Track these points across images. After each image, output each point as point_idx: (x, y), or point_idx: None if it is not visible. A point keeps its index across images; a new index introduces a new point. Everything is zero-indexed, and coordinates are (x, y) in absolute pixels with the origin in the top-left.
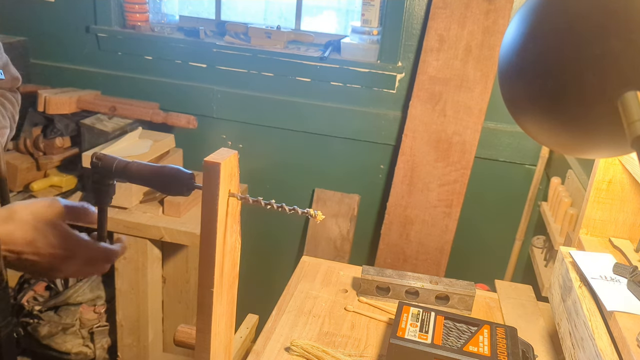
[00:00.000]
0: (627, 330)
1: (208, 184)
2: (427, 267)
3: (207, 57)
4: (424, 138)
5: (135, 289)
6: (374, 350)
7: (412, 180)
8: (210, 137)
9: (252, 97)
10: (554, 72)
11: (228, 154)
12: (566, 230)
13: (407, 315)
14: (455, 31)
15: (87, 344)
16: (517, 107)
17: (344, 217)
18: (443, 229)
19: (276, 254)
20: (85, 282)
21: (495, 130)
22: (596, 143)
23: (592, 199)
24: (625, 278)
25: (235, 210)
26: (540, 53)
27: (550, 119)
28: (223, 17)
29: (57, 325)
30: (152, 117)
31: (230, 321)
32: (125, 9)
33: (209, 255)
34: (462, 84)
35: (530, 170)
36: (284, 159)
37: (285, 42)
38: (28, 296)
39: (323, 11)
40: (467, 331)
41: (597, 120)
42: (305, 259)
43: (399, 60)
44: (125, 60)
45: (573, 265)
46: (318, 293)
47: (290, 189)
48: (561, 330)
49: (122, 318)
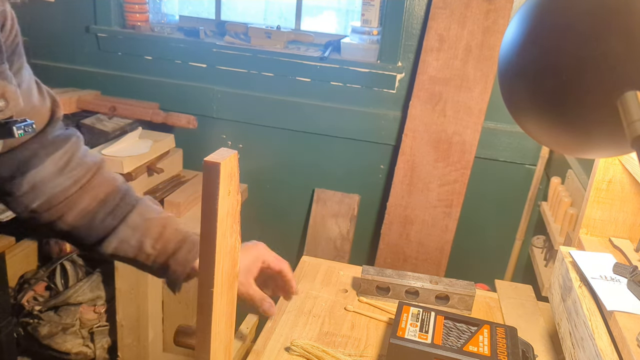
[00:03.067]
0: (627, 330)
1: (208, 184)
2: (427, 267)
3: (207, 57)
4: (424, 138)
5: (135, 289)
6: (374, 350)
7: (412, 180)
8: (210, 137)
9: (252, 97)
10: (554, 72)
11: (228, 154)
12: (566, 230)
13: (407, 315)
14: (455, 31)
15: (87, 344)
16: (517, 107)
17: (344, 217)
18: (443, 229)
19: (276, 253)
20: (85, 282)
21: (495, 130)
22: (596, 143)
23: (592, 198)
24: (625, 278)
25: (235, 210)
26: (540, 53)
27: (550, 119)
28: (223, 17)
29: (57, 325)
30: (152, 117)
31: (230, 321)
32: (125, 9)
33: (209, 255)
34: (462, 84)
35: (530, 170)
36: (284, 159)
37: (285, 42)
38: (28, 296)
39: (323, 11)
40: (467, 331)
41: (597, 120)
42: (305, 259)
43: (399, 60)
44: (125, 60)
45: (573, 265)
46: (318, 293)
47: (290, 189)
48: (561, 330)
49: (122, 318)
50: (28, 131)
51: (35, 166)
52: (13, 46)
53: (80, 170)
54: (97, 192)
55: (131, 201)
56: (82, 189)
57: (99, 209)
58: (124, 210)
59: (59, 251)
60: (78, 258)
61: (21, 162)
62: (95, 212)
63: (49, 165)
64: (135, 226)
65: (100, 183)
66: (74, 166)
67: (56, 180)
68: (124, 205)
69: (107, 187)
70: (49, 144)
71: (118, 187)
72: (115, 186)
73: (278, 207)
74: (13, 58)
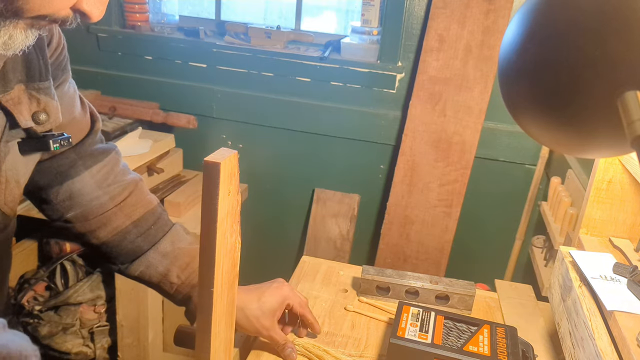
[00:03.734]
0: (627, 330)
1: (208, 184)
2: (427, 267)
3: (207, 57)
4: (424, 138)
5: (135, 289)
6: (374, 350)
7: (412, 180)
8: (210, 137)
9: (252, 97)
10: (554, 72)
11: (228, 153)
12: (566, 230)
13: (407, 315)
14: (455, 31)
15: (87, 344)
16: (517, 107)
17: (344, 217)
18: (443, 228)
19: (276, 254)
20: (85, 282)
21: (495, 130)
22: (596, 143)
23: (592, 198)
24: (625, 278)
25: (235, 210)
26: (540, 53)
27: (550, 119)
28: (223, 17)
29: (57, 325)
30: (152, 117)
31: (230, 321)
32: (125, 9)
33: (209, 255)
34: (462, 83)
35: (530, 170)
36: (284, 159)
37: (285, 42)
38: (28, 296)
39: (323, 11)
40: (467, 331)
41: (597, 120)
42: (305, 259)
43: (399, 60)
44: (125, 60)
45: (573, 265)
46: (318, 293)
47: (290, 189)
48: (561, 330)
49: (122, 318)
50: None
51: (72, 176)
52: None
53: (117, 187)
54: (132, 211)
55: (164, 226)
56: (117, 206)
57: (132, 229)
58: (156, 235)
59: (59, 251)
60: (78, 258)
61: (59, 171)
62: (128, 231)
63: (87, 177)
64: (165, 253)
65: (135, 202)
66: (111, 182)
67: (93, 193)
68: (157, 230)
69: (142, 208)
70: (87, 156)
71: (153, 210)
72: (150, 208)
73: (278, 207)
74: (57, 73)
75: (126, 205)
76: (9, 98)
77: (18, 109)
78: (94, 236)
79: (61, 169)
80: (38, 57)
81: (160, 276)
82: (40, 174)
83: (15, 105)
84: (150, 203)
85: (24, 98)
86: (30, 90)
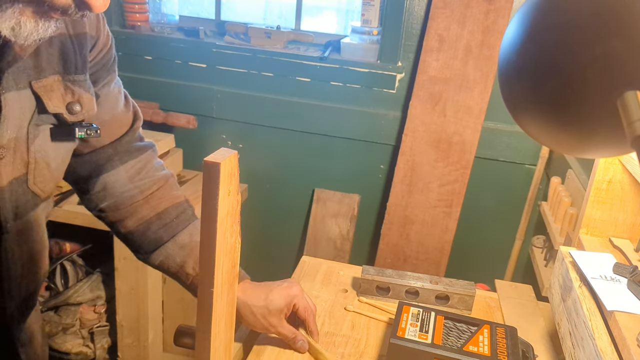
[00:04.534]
0: (627, 330)
1: (208, 184)
2: (427, 267)
3: (207, 57)
4: (424, 138)
5: (135, 289)
6: (374, 350)
7: (412, 180)
8: (210, 137)
9: (252, 97)
10: (554, 72)
11: (228, 154)
12: (566, 230)
13: (407, 315)
14: (455, 31)
15: (87, 344)
16: (517, 107)
17: (344, 217)
18: (443, 229)
19: (276, 254)
20: (85, 282)
21: (495, 130)
22: (596, 143)
23: (592, 198)
24: (625, 278)
25: (235, 210)
26: (540, 53)
27: (550, 119)
28: (223, 17)
29: (57, 325)
30: (152, 117)
31: (230, 321)
32: (125, 9)
33: (209, 255)
34: (462, 83)
35: (530, 170)
36: (284, 159)
37: (285, 42)
38: None
39: (323, 11)
40: (467, 331)
41: (597, 120)
42: (305, 259)
43: (399, 60)
44: (125, 60)
45: (573, 265)
46: (318, 293)
47: (290, 189)
48: (561, 330)
49: (122, 318)
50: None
51: (108, 170)
52: (103, 62)
53: (148, 182)
54: (158, 204)
55: (186, 220)
56: (145, 199)
57: (155, 220)
58: (176, 228)
59: (59, 251)
60: (78, 258)
61: (97, 165)
62: (151, 222)
63: (121, 171)
64: (182, 245)
65: (162, 196)
66: (143, 176)
67: (125, 186)
68: (178, 223)
69: (167, 202)
70: (123, 152)
71: (178, 204)
72: (176, 203)
73: (278, 207)
74: (101, 73)
75: (153, 198)
76: (40, 85)
77: (48, 96)
78: (123, 225)
79: (99, 162)
80: (75, 52)
81: (177, 267)
82: (81, 166)
83: (46, 92)
84: (176, 198)
85: (59, 88)
86: (66, 82)
